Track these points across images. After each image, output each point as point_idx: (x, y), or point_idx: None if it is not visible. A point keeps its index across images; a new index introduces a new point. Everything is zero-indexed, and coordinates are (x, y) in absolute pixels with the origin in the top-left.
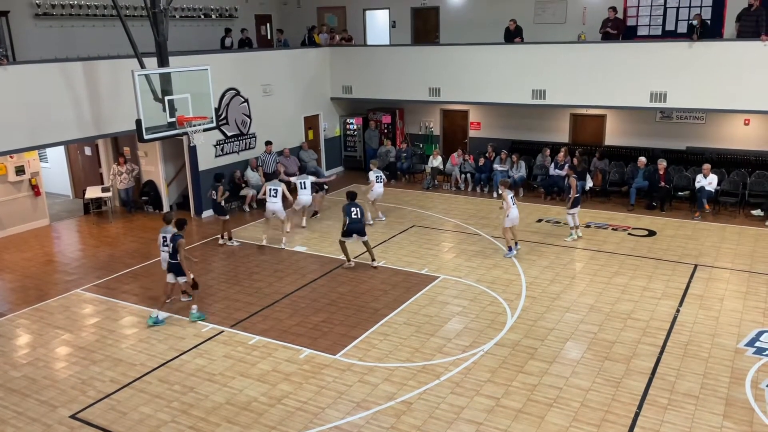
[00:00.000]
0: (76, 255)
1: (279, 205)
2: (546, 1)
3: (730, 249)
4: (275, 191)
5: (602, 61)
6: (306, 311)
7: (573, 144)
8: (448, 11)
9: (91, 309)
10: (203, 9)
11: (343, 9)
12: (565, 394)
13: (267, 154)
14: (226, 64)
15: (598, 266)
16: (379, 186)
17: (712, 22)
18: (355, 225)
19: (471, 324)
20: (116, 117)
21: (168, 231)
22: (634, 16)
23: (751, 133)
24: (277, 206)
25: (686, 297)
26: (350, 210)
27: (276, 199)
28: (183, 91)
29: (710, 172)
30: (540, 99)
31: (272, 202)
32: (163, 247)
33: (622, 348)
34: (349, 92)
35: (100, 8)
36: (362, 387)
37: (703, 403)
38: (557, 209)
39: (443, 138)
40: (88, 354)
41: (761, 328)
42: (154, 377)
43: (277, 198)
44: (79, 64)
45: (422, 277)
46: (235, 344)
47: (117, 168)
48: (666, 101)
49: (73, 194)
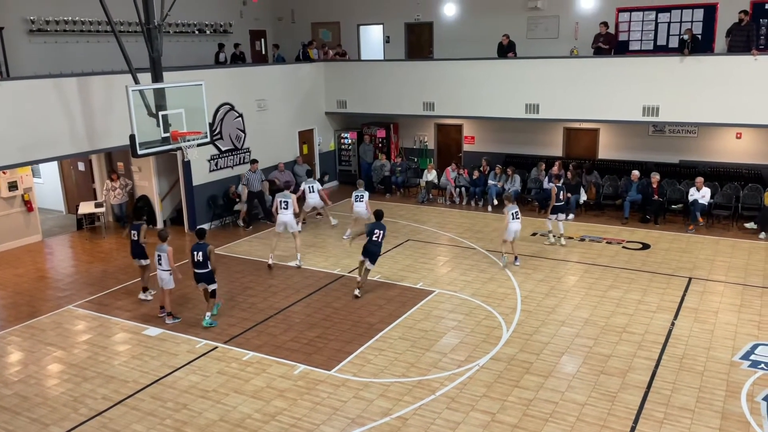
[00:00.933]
0: (69, 271)
1: (291, 217)
2: (538, 16)
3: (724, 262)
4: (286, 203)
5: (595, 76)
6: (300, 326)
7: (567, 158)
8: (441, 27)
9: (83, 325)
10: (198, 24)
11: (337, 24)
12: (561, 409)
13: (252, 173)
14: (221, 79)
15: (593, 279)
16: (357, 205)
17: (703, 37)
18: (375, 247)
19: (466, 338)
20: (110, 132)
21: (163, 249)
22: (625, 31)
23: (743, 146)
24: (288, 218)
25: (681, 310)
26: (373, 231)
27: (288, 211)
28: (177, 106)
29: (703, 186)
30: (533, 113)
31: (284, 214)
32: (158, 265)
33: (618, 362)
34: (344, 107)
35: (95, 24)
36: (357, 403)
37: (699, 417)
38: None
39: (438, 152)
40: (80, 371)
41: (756, 341)
42: (146, 394)
43: (289, 210)
44: (73, 80)
45: (417, 292)
46: (228, 360)
47: (110, 183)
48: (658, 115)
49: (66, 210)
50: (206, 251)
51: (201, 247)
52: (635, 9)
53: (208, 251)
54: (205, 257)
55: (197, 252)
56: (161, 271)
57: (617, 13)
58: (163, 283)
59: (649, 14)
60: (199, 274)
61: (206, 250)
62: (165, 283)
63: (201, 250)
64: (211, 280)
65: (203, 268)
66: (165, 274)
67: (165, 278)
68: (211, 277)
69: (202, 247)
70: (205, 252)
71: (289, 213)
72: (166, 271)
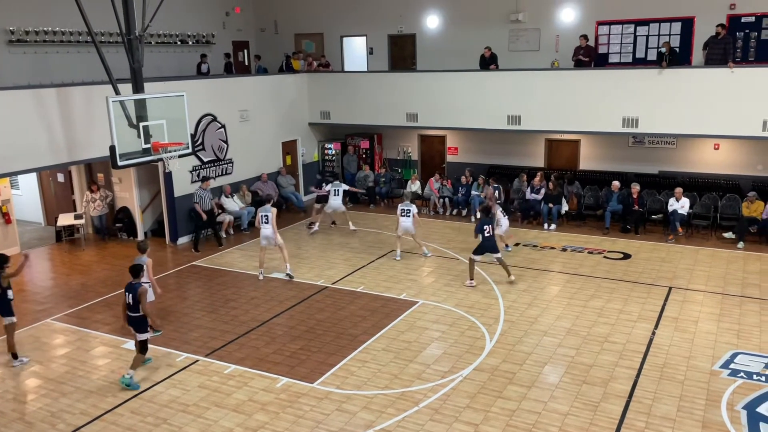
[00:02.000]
0: (47, 284)
1: (271, 231)
2: (520, 29)
3: (703, 271)
4: (266, 217)
5: (575, 88)
6: (283, 339)
7: (548, 168)
8: (424, 38)
9: (62, 339)
10: (180, 35)
11: (320, 35)
12: (543, 419)
13: (203, 191)
14: (203, 89)
15: (575, 289)
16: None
17: (681, 50)
18: (487, 242)
19: (450, 349)
20: (90, 143)
21: (142, 261)
22: (605, 44)
23: (721, 157)
24: (268, 231)
25: (661, 319)
26: (483, 227)
27: (268, 225)
28: (158, 117)
29: (682, 196)
30: (515, 124)
31: (264, 228)
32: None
33: (600, 371)
34: (327, 117)
35: (75, 34)
36: (340, 416)
37: (680, 426)
38: (534, 233)
39: (421, 163)
40: (57, 386)
41: (735, 350)
42: (126, 409)
43: (269, 224)
44: (52, 91)
45: (401, 303)
46: (210, 374)
47: (90, 195)
48: (638, 126)
49: (45, 221)
50: (136, 293)
51: (132, 288)
52: (614, 22)
53: (138, 293)
54: (134, 300)
55: (128, 293)
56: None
57: (597, 26)
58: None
59: (628, 27)
60: (129, 318)
61: (136, 292)
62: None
63: (131, 292)
64: (141, 327)
65: (134, 312)
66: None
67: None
68: (141, 324)
69: (133, 288)
70: (135, 294)
71: (270, 227)
72: (145, 283)
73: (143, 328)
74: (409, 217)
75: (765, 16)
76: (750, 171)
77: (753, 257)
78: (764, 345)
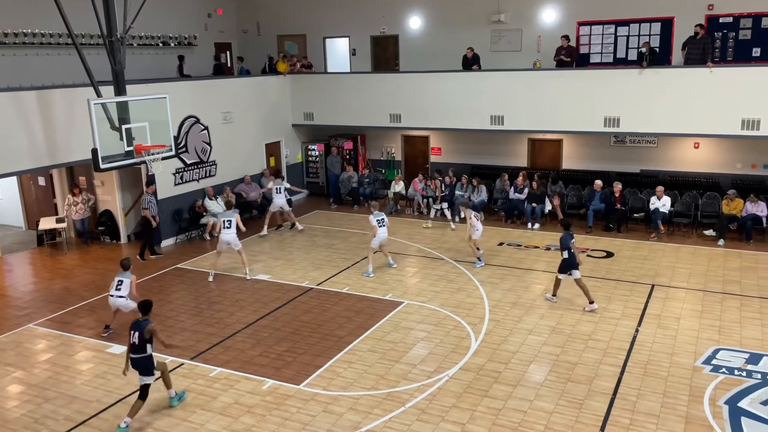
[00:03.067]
0: (29, 288)
1: (233, 236)
2: (502, 29)
3: (685, 269)
4: (229, 222)
5: (557, 88)
6: (269, 341)
7: (532, 168)
8: (406, 39)
9: (44, 344)
10: (162, 37)
11: (303, 37)
12: (529, 418)
13: (150, 195)
14: (186, 91)
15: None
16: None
17: (661, 50)
18: (573, 258)
19: (436, 349)
20: (71, 146)
21: (126, 276)
22: (586, 44)
23: (701, 155)
24: (231, 236)
25: (644, 317)
26: (569, 242)
27: (230, 230)
28: (141, 119)
29: (663, 194)
30: (498, 124)
31: (226, 233)
32: (114, 291)
33: (584, 369)
34: (311, 119)
35: (55, 36)
36: (327, 417)
37: (664, 422)
38: (518, 232)
39: (405, 163)
40: (41, 391)
41: (717, 346)
42: (110, 414)
43: (232, 229)
44: (32, 93)
45: (386, 303)
46: (195, 377)
47: (72, 198)
48: (619, 126)
49: (26, 225)
50: (143, 332)
51: (139, 325)
52: (595, 23)
53: (147, 331)
54: (141, 339)
55: (134, 332)
56: (117, 298)
57: (578, 27)
58: (123, 308)
59: (609, 28)
60: (133, 361)
61: (144, 331)
62: (124, 308)
63: (138, 330)
64: (148, 370)
65: (140, 353)
66: (121, 300)
67: (121, 304)
68: (148, 367)
69: (140, 326)
70: (142, 332)
71: (232, 232)
72: (122, 297)
73: (150, 370)
74: (385, 226)
75: (742, 16)
76: (729, 169)
77: (733, 254)
78: (745, 341)
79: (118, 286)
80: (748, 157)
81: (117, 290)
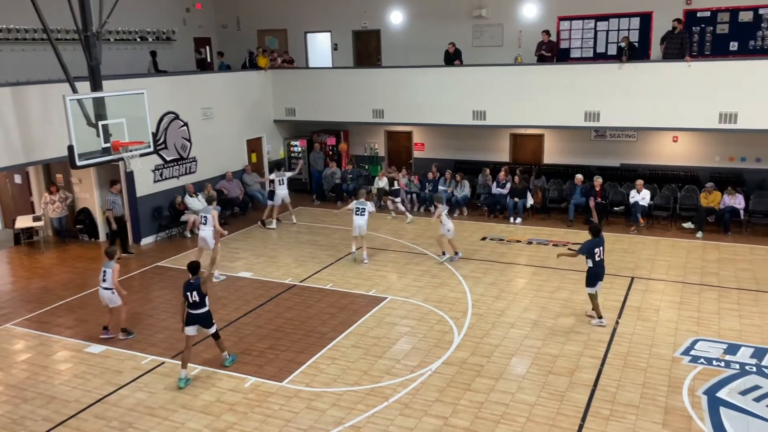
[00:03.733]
0: (6, 288)
1: (209, 233)
2: (483, 24)
3: (664, 261)
4: (205, 218)
5: (538, 83)
6: (251, 338)
7: (514, 163)
8: (388, 34)
9: (22, 344)
10: (139, 32)
11: (284, 32)
12: (511, 410)
13: (115, 195)
14: (164, 87)
15: (541, 282)
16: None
17: (640, 45)
18: (601, 268)
19: (419, 344)
20: (47, 143)
21: (110, 265)
22: (566, 39)
23: (680, 149)
24: (206, 233)
25: (624, 309)
26: (593, 249)
27: (206, 227)
28: (118, 115)
29: (643, 188)
30: (480, 120)
31: (202, 230)
32: (102, 282)
33: (565, 361)
34: (293, 114)
35: (30, 32)
36: (310, 413)
37: (644, 412)
38: (501, 227)
39: (388, 159)
40: (19, 392)
41: (696, 337)
42: (90, 414)
43: (208, 225)
44: (7, 90)
45: (370, 299)
46: (176, 376)
47: (49, 197)
48: (599, 120)
49: (2, 224)
50: (200, 288)
51: (192, 285)
52: (575, 17)
53: (202, 288)
54: (200, 295)
55: (191, 292)
56: (103, 290)
57: (558, 22)
58: (108, 301)
59: (589, 22)
60: (195, 316)
61: (200, 287)
62: (110, 302)
63: (194, 289)
64: (209, 322)
65: (200, 308)
66: (107, 292)
67: (107, 296)
68: (208, 319)
69: (194, 285)
70: (199, 290)
71: (208, 229)
72: (108, 289)
73: (210, 322)
74: (364, 215)
75: (720, 10)
76: (708, 162)
77: (711, 246)
78: (723, 331)
79: (104, 277)
80: (726, 150)
81: (103, 281)
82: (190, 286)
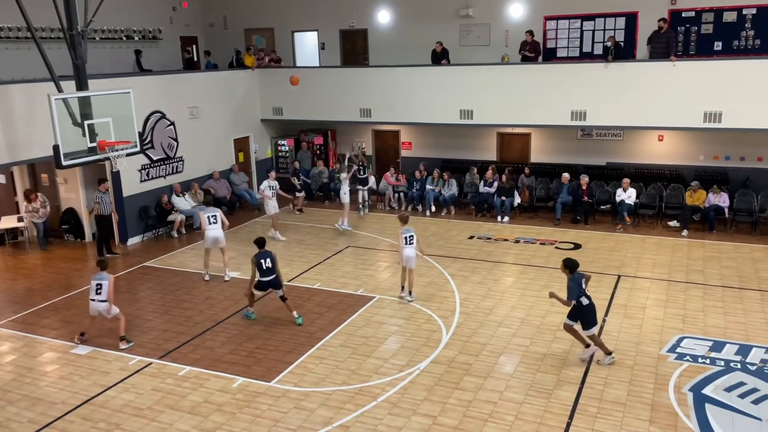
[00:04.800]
0: None
1: (220, 232)
2: (470, 24)
3: (650, 259)
4: (214, 217)
5: (525, 82)
6: (239, 338)
7: (501, 162)
8: (376, 34)
9: (7, 346)
10: (125, 31)
11: (271, 31)
12: (500, 409)
13: (102, 193)
14: (150, 86)
15: (528, 280)
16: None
17: (626, 44)
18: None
19: (407, 343)
20: (32, 143)
21: (104, 278)
22: (553, 38)
23: (665, 148)
24: (218, 233)
25: (611, 307)
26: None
27: (216, 226)
28: (104, 114)
29: (629, 186)
30: (468, 119)
31: (212, 229)
32: (95, 295)
33: (553, 359)
34: (280, 114)
35: (14, 30)
36: (298, 413)
37: (631, 409)
38: (488, 225)
39: (376, 158)
40: (3, 394)
41: (681, 334)
42: (76, 415)
43: (218, 224)
44: None
45: (358, 298)
46: (164, 376)
47: (29, 205)
48: (586, 119)
49: None
50: (273, 256)
51: (266, 254)
52: (561, 17)
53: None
54: (273, 262)
55: (264, 259)
56: (98, 303)
57: (545, 21)
58: (105, 313)
59: (575, 22)
60: (268, 282)
61: (273, 255)
62: (106, 313)
63: (268, 256)
64: (280, 285)
65: (271, 274)
66: (102, 305)
67: (102, 308)
68: (280, 283)
69: (268, 253)
70: (273, 257)
71: (218, 227)
72: (104, 302)
73: (280, 285)
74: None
75: (704, 11)
76: (692, 161)
77: (696, 244)
78: (708, 329)
79: (98, 290)
80: (711, 149)
81: (98, 294)
82: (264, 254)
